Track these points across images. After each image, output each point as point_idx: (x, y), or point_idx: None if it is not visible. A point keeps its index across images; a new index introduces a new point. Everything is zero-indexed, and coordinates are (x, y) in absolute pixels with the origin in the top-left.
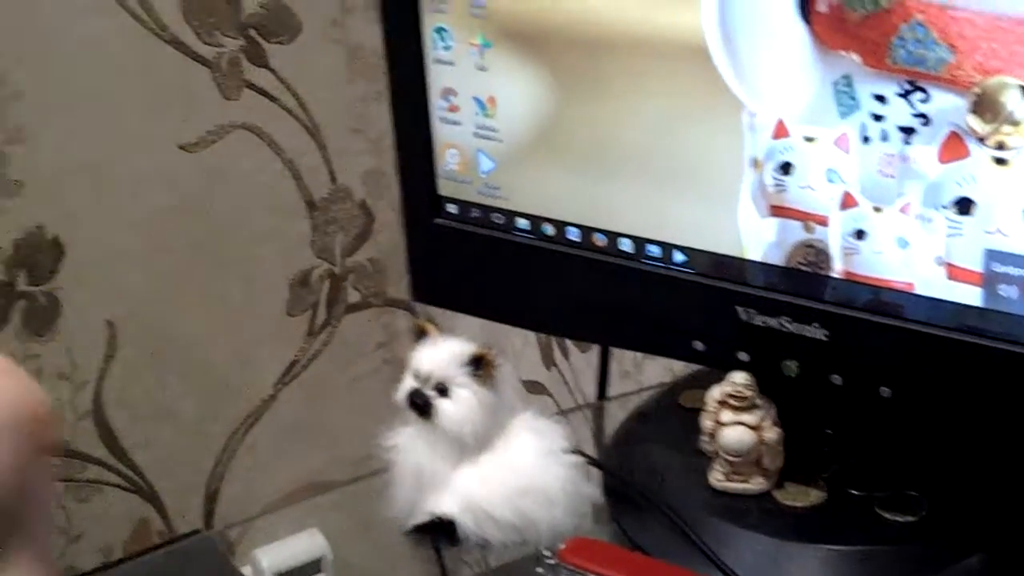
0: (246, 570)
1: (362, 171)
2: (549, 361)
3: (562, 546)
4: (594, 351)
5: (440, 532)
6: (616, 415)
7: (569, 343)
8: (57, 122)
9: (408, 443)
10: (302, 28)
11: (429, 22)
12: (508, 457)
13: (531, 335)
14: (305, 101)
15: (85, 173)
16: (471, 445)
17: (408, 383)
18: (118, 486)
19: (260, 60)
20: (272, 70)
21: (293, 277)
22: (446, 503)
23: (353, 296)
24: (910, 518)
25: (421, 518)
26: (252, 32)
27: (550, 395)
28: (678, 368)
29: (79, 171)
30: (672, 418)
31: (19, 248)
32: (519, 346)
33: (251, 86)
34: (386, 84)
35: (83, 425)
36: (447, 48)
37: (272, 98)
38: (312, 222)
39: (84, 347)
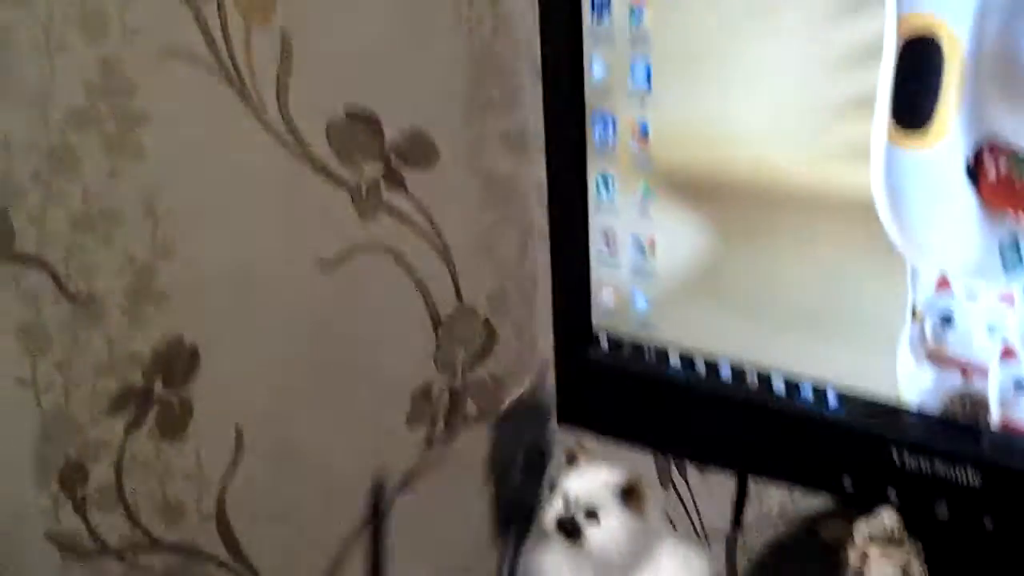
0: None
1: (487, 290)
2: (666, 479)
3: None
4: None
5: None
6: (752, 543)
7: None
8: (203, 239)
9: (554, 567)
10: (439, 155)
11: (593, 168)
12: None
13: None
14: (438, 224)
15: (225, 285)
16: (617, 569)
17: (557, 506)
18: None
19: (398, 184)
20: (409, 193)
21: (416, 388)
22: None
23: (471, 409)
24: None
25: None
26: (393, 157)
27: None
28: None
29: (220, 283)
30: (810, 552)
31: (157, 355)
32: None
33: (388, 208)
34: (514, 210)
35: (206, 526)
36: (610, 194)
37: (407, 220)
38: (437, 338)
39: (212, 451)
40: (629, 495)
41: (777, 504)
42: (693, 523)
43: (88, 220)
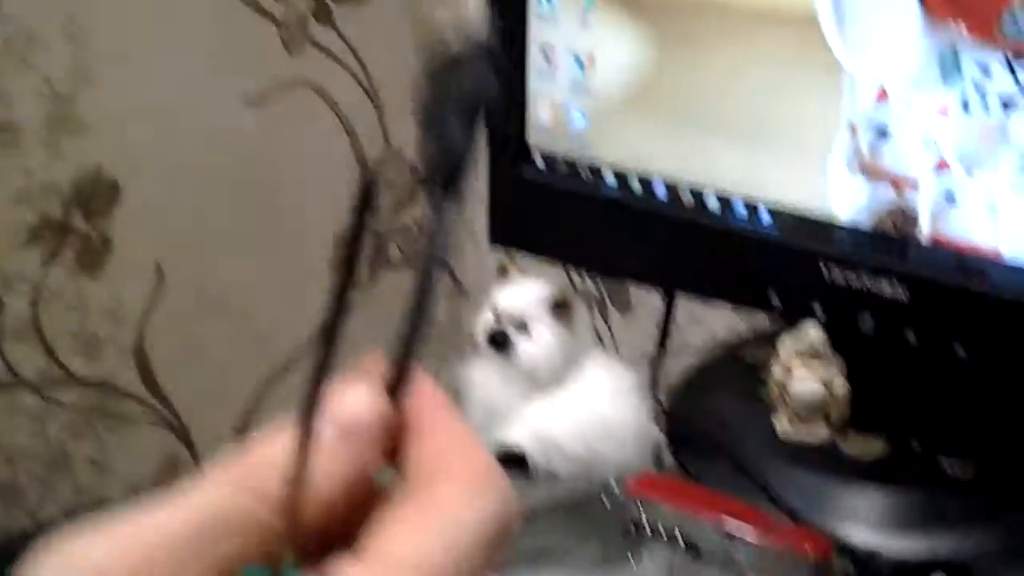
0: None
1: (415, 136)
2: (592, 300)
3: (629, 481)
4: (635, 315)
5: (510, 464)
6: (673, 370)
7: (610, 306)
8: (123, 66)
9: (482, 377)
10: None
11: None
12: (581, 394)
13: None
14: (366, 63)
15: (147, 118)
16: (546, 381)
17: (488, 320)
18: (151, 422)
19: (326, 19)
20: (337, 30)
21: (339, 232)
22: (517, 435)
23: (395, 256)
24: (971, 475)
25: (491, 450)
26: None
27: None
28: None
29: (141, 115)
30: (735, 372)
31: (77, 187)
32: None
33: (315, 44)
34: None
35: (123, 360)
36: (551, 4)
37: (334, 57)
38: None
39: (131, 287)
40: (559, 309)
41: (700, 333)
42: (617, 346)
43: (4, 42)
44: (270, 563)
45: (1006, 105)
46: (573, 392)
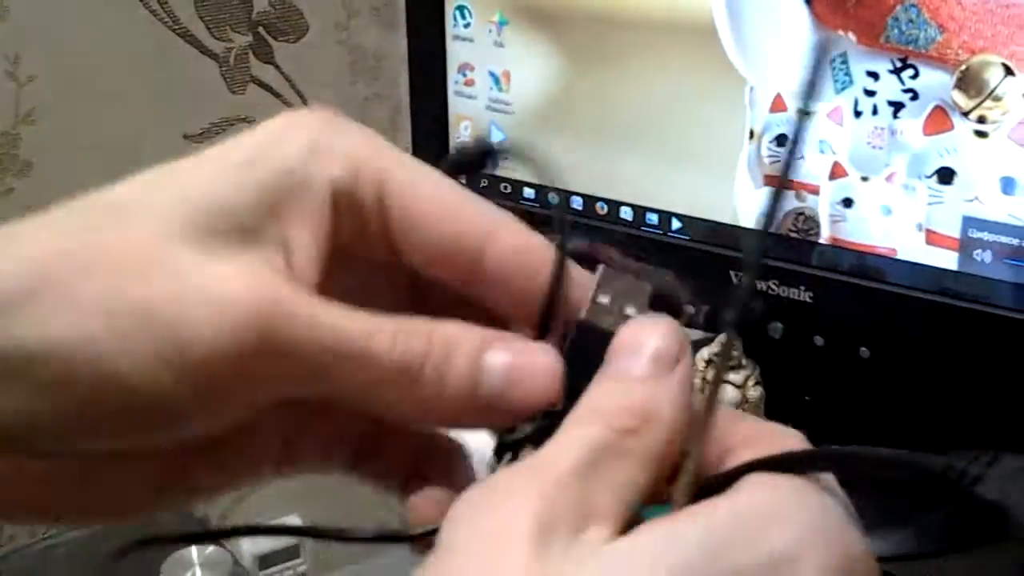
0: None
1: None
2: None
3: None
4: None
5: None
6: None
7: None
8: (67, 106)
9: None
10: (308, 27)
11: (451, 0)
12: None
13: None
14: (308, 99)
15: (91, 157)
16: None
17: None
18: None
19: (267, 57)
20: (277, 67)
21: None
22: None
23: None
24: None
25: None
26: (261, 30)
27: None
28: None
29: (86, 155)
30: None
31: None
32: None
33: (257, 82)
34: (384, 87)
35: None
36: (467, 25)
37: (276, 94)
38: None
39: None
40: None
41: None
42: None
43: None
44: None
45: (895, 109)
46: None
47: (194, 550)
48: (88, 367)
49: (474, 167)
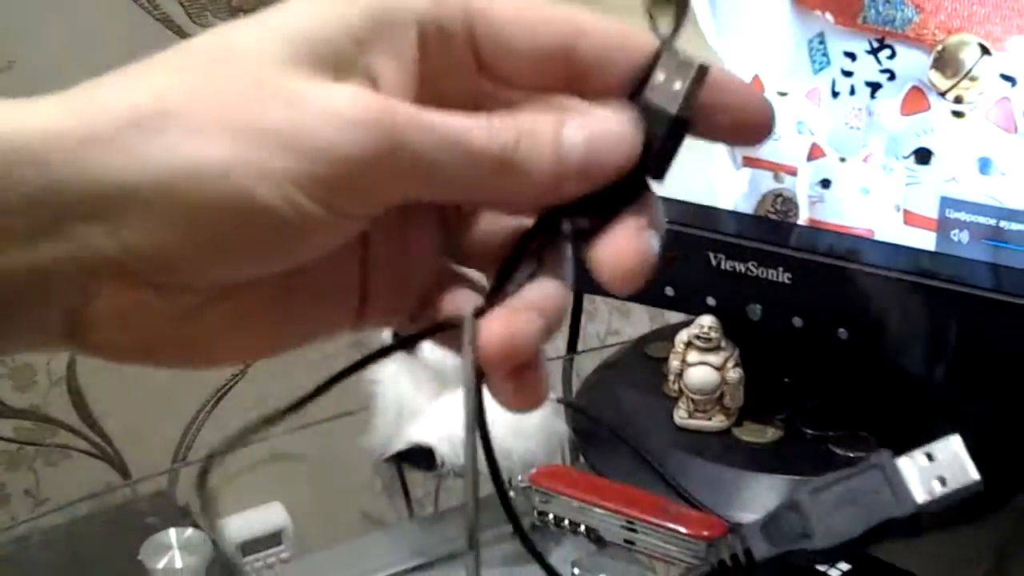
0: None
1: None
2: None
3: (533, 471)
4: None
5: (418, 459)
6: (586, 368)
7: None
8: (46, 92)
9: (391, 377)
10: None
11: None
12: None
13: None
14: None
15: None
16: (454, 379)
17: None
18: (86, 452)
19: None
20: None
21: None
22: (426, 432)
23: None
24: (861, 454)
25: (400, 446)
26: (241, 16)
27: None
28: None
29: None
30: (639, 367)
31: None
32: None
33: None
34: None
35: (55, 391)
36: None
37: None
38: None
39: None
40: None
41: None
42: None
43: None
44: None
45: (872, 90)
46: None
47: (172, 533)
48: (220, 190)
49: None
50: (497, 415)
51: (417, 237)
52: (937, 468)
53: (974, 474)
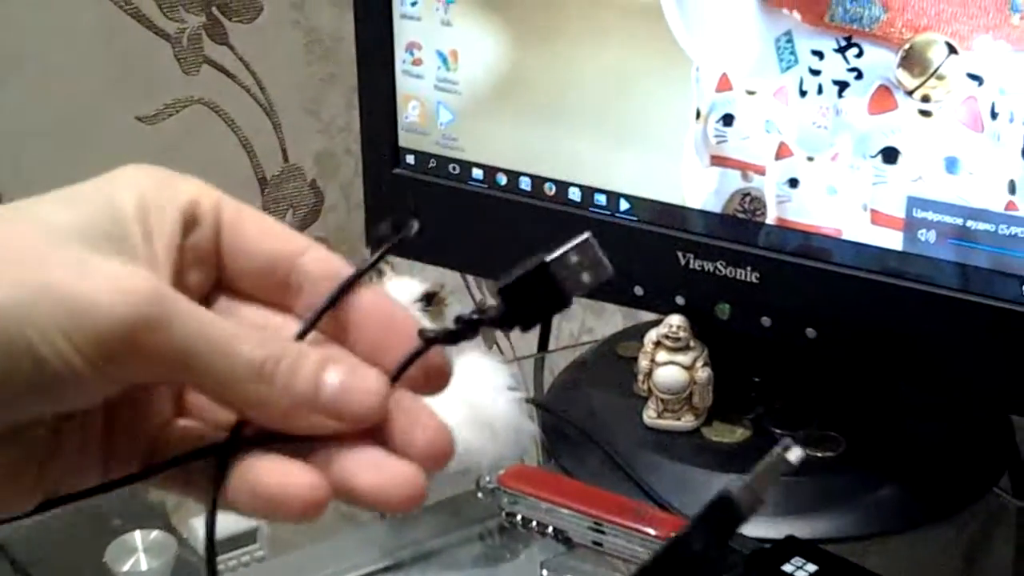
0: None
1: (314, 151)
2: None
3: (501, 472)
4: None
5: None
6: (557, 367)
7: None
8: (19, 85)
9: None
10: (263, 9)
11: None
12: (455, 389)
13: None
14: (262, 80)
15: (43, 137)
16: None
17: None
18: None
19: (221, 38)
20: (231, 47)
21: None
22: None
23: None
24: (830, 454)
25: None
26: (214, 10)
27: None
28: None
29: (37, 135)
30: (609, 366)
31: None
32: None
33: (211, 63)
34: (340, 68)
35: None
36: (414, 4)
37: (230, 76)
38: (263, 199)
39: None
40: (431, 303)
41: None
42: (500, 346)
43: None
44: None
45: (840, 89)
46: (447, 389)
47: (138, 535)
48: None
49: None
50: (462, 412)
51: (157, 400)
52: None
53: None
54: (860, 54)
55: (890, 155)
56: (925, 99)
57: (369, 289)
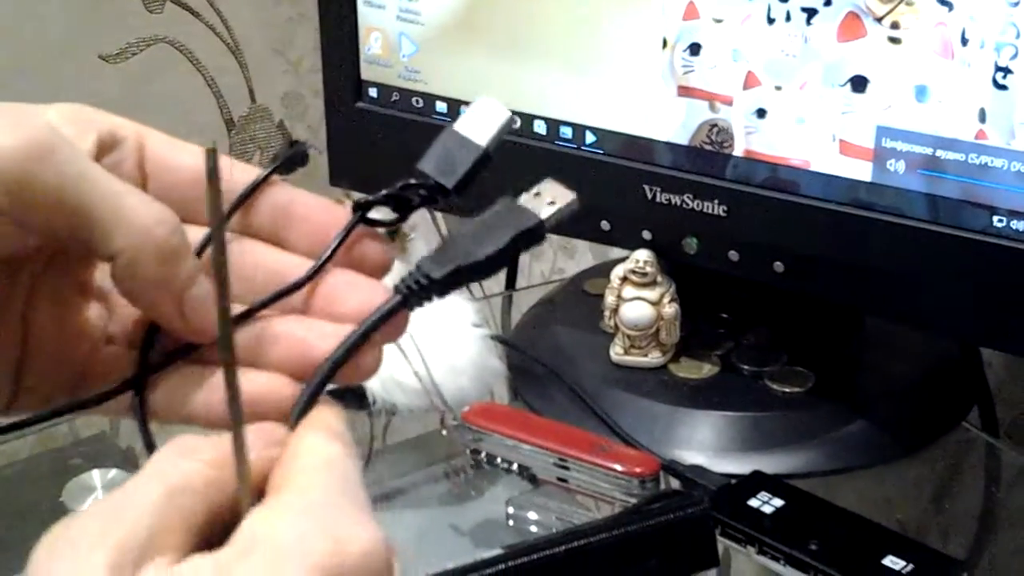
0: None
1: (281, 92)
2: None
3: (465, 411)
4: None
5: (349, 398)
6: (526, 306)
7: None
8: None
9: None
10: None
11: None
12: (418, 328)
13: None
14: (228, 19)
15: (5, 79)
16: None
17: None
18: None
19: None
20: None
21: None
22: None
23: None
24: (797, 390)
25: (331, 385)
26: None
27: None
28: None
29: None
30: (577, 303)
31: None
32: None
33: (175, 0)
34: (308, 7)
35: None
36: None
37: (195, 14)
38: (230, 140)
39: None
40: (393, 238)
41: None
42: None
43: None
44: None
45: (808, 16)
46: (412, 326)
47: (96, 474)
48: None
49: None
50: (427, 351)
51: (73, 315)
52: (546, 198)
53: (572, 193)
54: None
55: (859, 83)
56: (894, 25)
57: (288, 188)
